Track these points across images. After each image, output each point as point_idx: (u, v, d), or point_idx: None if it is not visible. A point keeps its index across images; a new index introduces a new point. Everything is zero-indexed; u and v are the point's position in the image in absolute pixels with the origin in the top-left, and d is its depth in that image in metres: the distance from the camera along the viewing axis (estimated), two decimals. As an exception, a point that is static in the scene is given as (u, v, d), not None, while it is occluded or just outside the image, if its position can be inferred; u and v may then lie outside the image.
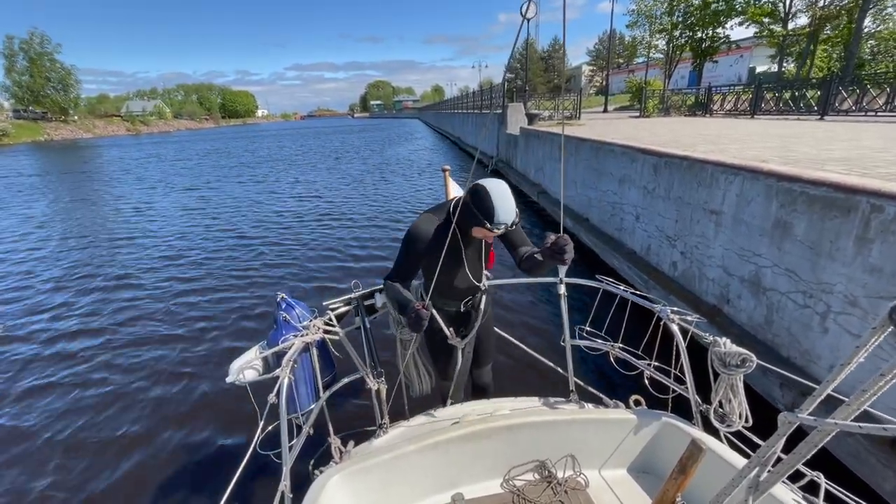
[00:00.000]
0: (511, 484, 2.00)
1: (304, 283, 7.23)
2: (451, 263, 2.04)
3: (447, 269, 2.05)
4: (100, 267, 8.30)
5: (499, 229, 1.74)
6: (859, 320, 2.95)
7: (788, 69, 28.70)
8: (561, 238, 1.68)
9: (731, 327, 4.10)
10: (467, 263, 2.05)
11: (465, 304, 2.28)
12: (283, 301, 2.38)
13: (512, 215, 1.73)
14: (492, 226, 1.73)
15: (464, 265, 2.05)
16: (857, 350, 0.67)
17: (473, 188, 1.81)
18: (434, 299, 2.26)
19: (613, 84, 48.66)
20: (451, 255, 1.99)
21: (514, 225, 1.76)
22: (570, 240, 1.70)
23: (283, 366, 1.94)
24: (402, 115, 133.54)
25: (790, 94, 14.18)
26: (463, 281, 2.15)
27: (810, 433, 0.72)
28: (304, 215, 11.93)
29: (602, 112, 25.51)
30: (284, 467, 1.81)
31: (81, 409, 4.16)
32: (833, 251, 3.12)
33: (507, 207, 1.73)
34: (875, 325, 0.64)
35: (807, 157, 4.73)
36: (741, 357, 1.73)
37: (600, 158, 7.49)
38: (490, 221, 1.72)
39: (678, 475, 1.05)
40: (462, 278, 2.14)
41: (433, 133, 48.13)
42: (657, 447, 2.05)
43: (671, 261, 5.28)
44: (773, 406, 3.38)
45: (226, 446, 3.61)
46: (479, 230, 1.81)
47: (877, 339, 0.65)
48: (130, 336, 5.56)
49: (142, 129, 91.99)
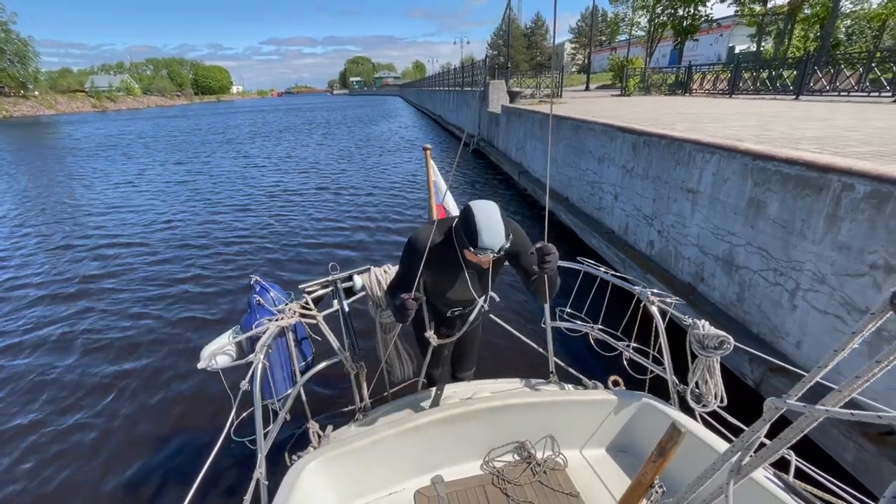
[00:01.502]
0: (491, 465, 2.02)
1: (278, 265, 7.08)
2: (448, 278, 2.00)
3: (444, 283, 2.03)
4: (70, 247, 7.97)
5: (483, 254, 1.66)
6: (826, 297, 3.00)
7: (767, 49, 28.93)
8: (545, 246, 1.67)
9: (704, 305, 4.17)
10: (469, 281, 1.98)
11: (452, 312, 2.24)
12: (256, 284, 2.30)
13: (498, 242, 1.63)
14: (475, 250, 1.66)
15: (465, 282, 1.98)
16: (851, 336, 0.63)
17: (463, 209, 1.74)
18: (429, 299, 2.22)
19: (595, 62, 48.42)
20: (450, 269, 1.95)
21: (501, 251, 1.66)
22: (553, 248, 1.68)
23: (257, 351, 1.89)
24: (382, 93, 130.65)
25: (767, 73, 14.30)
26: (459, 295, 2.08)
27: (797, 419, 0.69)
28: (279, 195, 11.64)
29: (584, 90, 25.36)
30: (259, 454, 1.78)
31: (46, 397, 4.02)
32: (804, 229, 3.15)
33: (492, 233, 1.63)
34: (874, 311, 0.59)
35: (782, 136, 4.75)
36: (719, 339, 1.74)
37: (580, 137, 7.44)
38: (474, 245, 1.65)
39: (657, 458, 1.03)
40: (458, 292, 2.06)
41: (415, 111, 47.33)
42: (635, 427, 2.08)
43: (648, 240, 5.31)
44: (742, 382, 3.46)
45: (198, 434, 3.53)
46: (469, 254, 1.75)
47: (874, 325, 0.61)
48: (95, 319, 5.37)
49: (109, 106, 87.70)
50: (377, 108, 57.86)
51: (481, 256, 1.70)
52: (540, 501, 1.85)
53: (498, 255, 1.68)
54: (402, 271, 2.00)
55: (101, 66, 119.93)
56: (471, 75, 22.39)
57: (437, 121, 32.57)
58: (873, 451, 2.58)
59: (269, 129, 31.25)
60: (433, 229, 1.87)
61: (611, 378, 2.28)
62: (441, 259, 1.89)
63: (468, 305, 2.20)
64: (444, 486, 1.91)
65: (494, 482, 1.93)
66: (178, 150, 21.64)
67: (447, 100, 29.71)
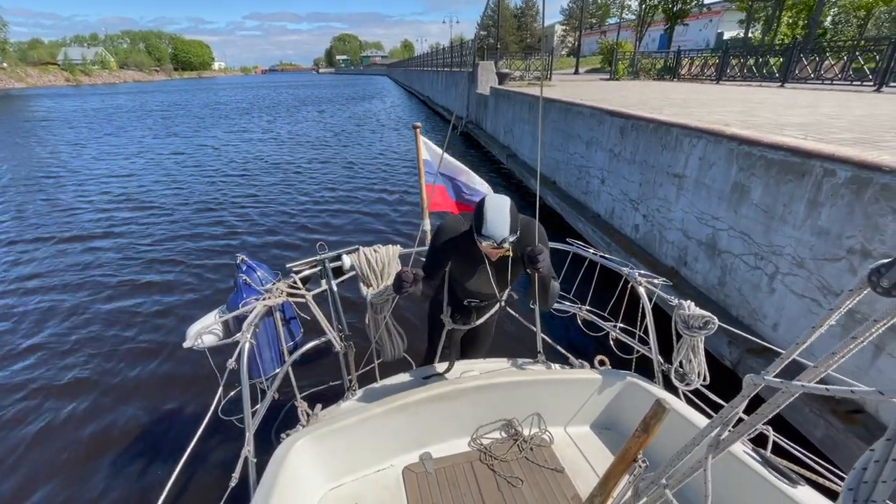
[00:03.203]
0: (478, 442, 2.05)
1: (264, 244, 6.98)
2: (470, 269, 2.07)
3: (466, 273, 2.10)
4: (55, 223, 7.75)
5: (487, 242, 1.73)
6: (804, 281, 3.07)
7: (755, 35, 29.01)
8: (535, 248, 1.77)
9: (687, 289, 4.24)
10: (491, 275, 2.03)
11: (469, 302, 2.28)
12: (243, 263, 2.28)
13: (502, 232, 1.71)
14: (480, 236, 1.74)
15: (486, 275, 2.04)
16: (829, 313, 0.63)
17: (480, 200, 1.83)
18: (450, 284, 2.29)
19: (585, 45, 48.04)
20: (472, 261, 2.02)
21: (503, 243, 1.73)
22: (543, 249, 1.79)
23: (244, 330, 1.87)
24: (370, 72, 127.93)
25: (755, 60, 14.36)
26: (477, 287, 2.15)
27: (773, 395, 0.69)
28: (268, 173, 11.39)
29: (573, 74, 25.18)
30: (248, 432, 1.78)
31: (30, 375, 3.95)
32: (785, 214, 3.20)
33: (498, 222, 1.71)
34: (852, 288, 0.59)
35: (768, 121, 4.79)
36: (704, 319, 1.77)
37: (569, 120, 7.40)
38: (478, 232, 1.74)
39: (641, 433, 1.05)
40: (477, 284, 2.12)
41: (403, 92, 46.57)
42: (619, 405, 2.12)
43: (633, 224, 5.35)
44: (721, 363, 3.55)
45: (184, 413, 3.51)
46: (481, 244, 1.81)
47: (851, 302, 0.61)
48: (80, 297, 5.26)
49: (83, 80, 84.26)
50: (364, 87, 56.74)
51: (485, 245, 1.76)
52: (526, 476, 1.88)
53: (501, 246, 1.73)
54: (427, 259, 2.13)
55: (74, 38, 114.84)
56: (460, 56, 22.01)
57: (426, 102, 32.09)
58: (841, 429, 2.69)
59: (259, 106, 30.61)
60: (460, 219, 1.97)
61: (597, 358, 2.32)
62: (466, 250, 1.96)
63: (485, 299, 2.26)
64: (432, 463, 1.94)
65: (482, 458, 1.96)
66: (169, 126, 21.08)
67: (436, 81, 29.23)
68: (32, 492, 2.89)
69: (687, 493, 1.23)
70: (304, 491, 1.74)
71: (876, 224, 2.61)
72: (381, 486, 1.86)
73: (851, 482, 0.55)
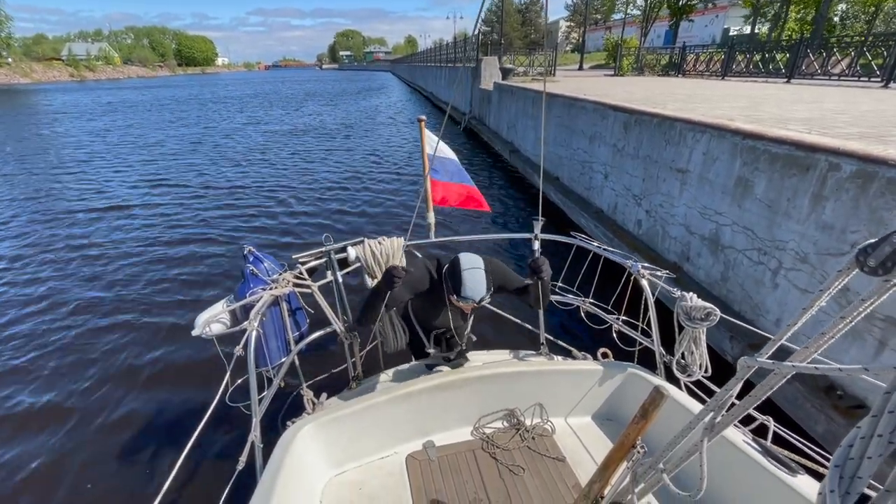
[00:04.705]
0: (481, 431, 2.08)
1: (271, 236, 7.03)
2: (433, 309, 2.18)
3: (430, 312, 2.21)
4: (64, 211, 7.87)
5: (465, 303, 1.83)
6: (807, 276, 3.07)
7: (762, 31, 28.74)
8: (536, 260, 1.91)
9: (689, 284, 4.23)
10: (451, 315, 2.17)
11: (438, 332, 2.37)
12: (250, 254, 2.31)
13: (479, 294, 1.82)
14: (458, 298, 1.83)
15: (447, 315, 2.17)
16: (820, 293, 0.64)
17: (452, 260, 1.94)
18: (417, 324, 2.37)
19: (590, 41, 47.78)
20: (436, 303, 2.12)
21: (481, 302, 1.84)
22: (545, 259, 1.92)
23: (252, 318, 1.90)
24: (373, 68, 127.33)
25: (760, 56, 14.25)
26: (442, 323, 2.25)
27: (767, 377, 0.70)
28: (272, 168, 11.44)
29: (577, 70, 25.07)
30: (254, 418, 1.81)
31: (41, 363, 4.03)
32: (789, 209, 3.20)
33: (475, 285, 1.82)
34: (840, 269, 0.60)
35: (772, 116, 4.77)
36: (706, 311, 1.78)
37: (572, 115, 7.38)
38: (457, 294, 1.83)
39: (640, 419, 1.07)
40: (442, 321, 2.23)
41: (406, 88, 46.50)
42: (621, 396, 2.14)
43: (636, 219, 5.35)
44: (722, 357, 3.55)
45: (191, 399, 3.57)
46: (453, 299, 1.92)
47: (840, 282, 0.62)
48: (92, 286, 5.34)
49: (87, 76, 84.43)
50: (367, 83, 56.68)
51: (462, 305, 1.89)
52: (527, 465, 1.91)
53: (479, 305, 1.85)
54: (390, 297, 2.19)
55: (79, 34, 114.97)
56: (463, 51, 21.94)
57: (429, 98, 32.04)
58: (842, 423, 2.69)
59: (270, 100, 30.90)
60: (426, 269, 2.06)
61: (600, 350, 2.34)
62: (429, 295, 2.06)
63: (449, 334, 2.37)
64: (435, 451, 1.96)
65: (484, 447, 1.99)
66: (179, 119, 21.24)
67: (439, 76, 29.16)
68: (44, 473, 2.96)
69: (685, 480, 1.25)
70: (309, 476, 1.76)
71: (881, 218, 2.60)
72: (385, 472, 1.89)
73: (838, 459, 0.56)
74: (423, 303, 2.15)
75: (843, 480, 0.54)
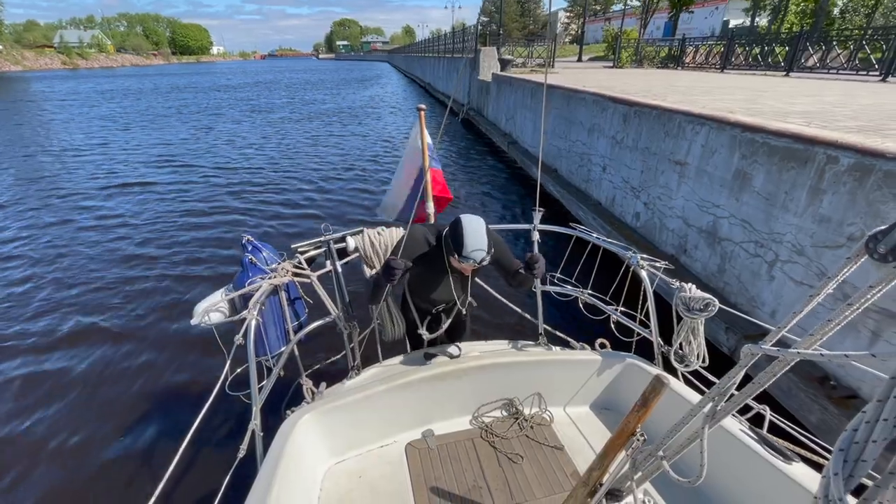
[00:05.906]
0: (480, 420, 2.09)
1: (270, 225, 7.01)
2: (433, 279, 2.14)
3: (429, 283, 2.16)
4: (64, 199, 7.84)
5: (467, 262, 1.83)
6: (803, 268, 3.09)
7: (761, 24, 28.61)
8: (534, 256, 1.94)
9: (686, 277, 4.25)
10: (453, 284, 2.14)
11: (436, 310, 2.35)
12: (249, 243, 2.30)
13: (481, 253, 1.81)
14: (460, 258, 1.82)
15: (448, 284, 2.14)
16: (826, 281, 0.64)
17: (454, 221, 1.91)
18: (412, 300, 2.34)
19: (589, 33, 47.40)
20: (435, 272, 2.09)
21: (482, 262, 1.83)
22: (541, 257, 1.94)
23: (251, 307, 1.90)
24: (370, 58, 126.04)
25: (760, 49, 14.19)
26: (441, 295, 2.22)
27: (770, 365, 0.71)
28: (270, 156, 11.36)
29: (576, 61, 24.90)
30: (254, 407, 1.82)
31: (40, 351, 4.03)
32: (787, 202, 3.21)
33: (477, 244, 1.81)
34: (849, 256, 0.60)
35: (772, 109, 4.76)
36: (705, 302, 1.79)
37: (571, 107, 7.34)
38: (459, 253, 1.82)
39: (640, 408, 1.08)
40: (441, 293, 2.20)
41: (404, 78, 46.16)
42: (619, 386, 2.16)
43: (634, 212, 5.35)
44: (718, 350, 3.58)
45: (191, 388, 3.58)
46: (454, 261, 1.90)
47: (848, 270, 0.62)
48: (91, 275, 5.31)
49: (80, 64, 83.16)
50: (364, 73, 56.20)
51: (464, 265, 1.86)
52: (526, 453, 1.93)
53: (480, 265, 1.85)
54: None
55: (71, 20, 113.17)
56: (461, 41, 21.73)
57: (427, 88, 31.79)
58: (836, 413, 2.73)
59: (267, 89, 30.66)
60: (425, 231, 2.02)
61: (598, 341, 2.35)
62: (430, 262, 2.02)
63: (448, 304, 2.33)
64: (434, 439, 1.98)
65: (483, 436, 2.01)
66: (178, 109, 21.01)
67: (437, 67, 28.91)
68: (45, 459, 2.97)
69: (682, 467, 1.26)
70: (309, 464, 1.78)
71: (878, 211, 2.62)
72: (385, 461, 1.90)
73: (843, 443, 0.57)
74: (423, 273, 2.11)
75: (846, 464, 0.55)
